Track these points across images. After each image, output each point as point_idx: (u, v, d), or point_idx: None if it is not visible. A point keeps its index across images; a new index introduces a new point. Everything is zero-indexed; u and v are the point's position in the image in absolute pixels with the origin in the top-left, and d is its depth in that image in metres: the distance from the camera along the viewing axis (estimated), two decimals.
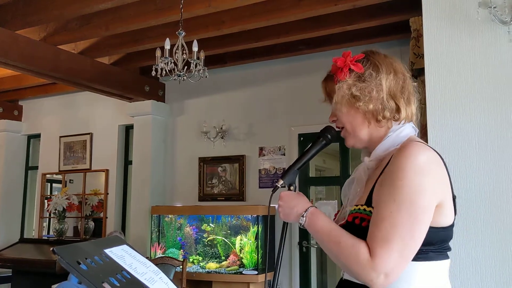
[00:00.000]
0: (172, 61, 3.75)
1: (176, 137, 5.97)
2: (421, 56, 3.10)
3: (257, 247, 4.82)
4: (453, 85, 2.37)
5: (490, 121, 2.28)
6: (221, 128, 5.55)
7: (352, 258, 1.22)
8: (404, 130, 1.38)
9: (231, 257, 4.93)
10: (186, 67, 3.79)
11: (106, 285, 0.96)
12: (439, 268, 1.31)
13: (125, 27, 4.44)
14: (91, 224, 6.38)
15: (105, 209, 6.26)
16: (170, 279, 1.18)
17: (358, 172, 1.43)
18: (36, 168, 7.03)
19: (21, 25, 4.41)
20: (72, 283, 3.51)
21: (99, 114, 6.45)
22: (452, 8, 2.40)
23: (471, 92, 2.33)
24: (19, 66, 4.75)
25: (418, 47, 3.36)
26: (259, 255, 4.80)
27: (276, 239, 4.90)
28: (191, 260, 5.08)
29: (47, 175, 6.84)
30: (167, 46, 3.68)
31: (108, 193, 6.26)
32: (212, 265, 4.99)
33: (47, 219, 6.73)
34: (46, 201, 6.56)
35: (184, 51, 3.75)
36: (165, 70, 3.78)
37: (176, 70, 3.78)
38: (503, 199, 2.23)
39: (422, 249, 1.25)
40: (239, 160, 5.49)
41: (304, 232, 4.99)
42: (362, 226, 1.27)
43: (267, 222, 4.84)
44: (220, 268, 4.94)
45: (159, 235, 5.34)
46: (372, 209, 1.27)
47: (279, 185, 1.42)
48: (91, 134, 6.49)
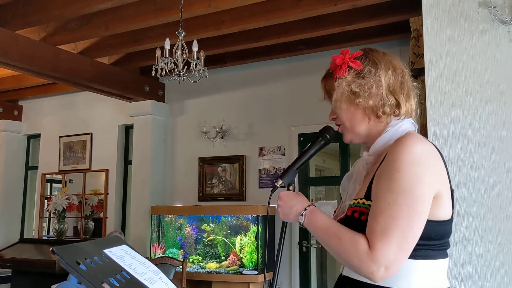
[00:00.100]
0: (172, 61, 3.75)
1: (176, 137, 5.97)
2: (421, 56, 3.10)
3: (257, 247, 4.82)
4: (453, 85, 2.37)
5: (490, 121, 2.28)
6: (221, 128, 5.54)
7: (352, 252, 1.23)
8: (403, 125, 1.38)
9: (231, 257, 4.93)
10: (186, 67, 3.79)
11: (106, 285, 0.96)
12: (438, 267, 1.31)
13: (125, 27, 4.44)
14: (91, 224, 6.38)
15: (105, 209, 6.26)
16: (170, 279, 1.18)
17: (357, 167, 1.44)
18: (36, 168, 7.03)
19: (21, 25, 4.41)
20: (72, 283, 3.51)
21: (99, 114, 6.45)
22: (452, 8, 2.40)
23: (471, 92, 2.33)
24: (19, 66, 4.74)
25: (418, 47, 3.37)
26: (259, 255, 4.80)
27: (276, 239, 4.90)
28: (191, 260, 5.08)
29: (47, 175, 6.84)
30: (167, 46, 3.68)
31: (108, 193, 6.26)
32: (212, 265, 4.99)
33: (47, 219, 6.73)
34: (46, 201, 6.55)
35: (184, 51, 3.75)
36: (165, 70, 3.78)
37: (176, 70, 3.78)
38: (503, 199, 2.22)
39: (422, 246, 1.25)
40: (239, 160, 5.48)
41: (304, 232, 4.99)
42: (362, 220, 1.28)
43: (267, 222, 4.84)
44: (220, 268, 4.94)
45: (159, 235, 5.34)
46: (371, 203, 1.28)
47: (278, 185, 1.43)
48: (91, 134, 6.49)
